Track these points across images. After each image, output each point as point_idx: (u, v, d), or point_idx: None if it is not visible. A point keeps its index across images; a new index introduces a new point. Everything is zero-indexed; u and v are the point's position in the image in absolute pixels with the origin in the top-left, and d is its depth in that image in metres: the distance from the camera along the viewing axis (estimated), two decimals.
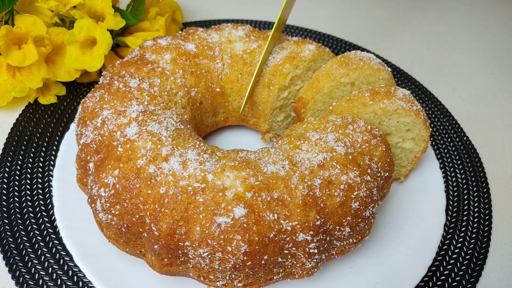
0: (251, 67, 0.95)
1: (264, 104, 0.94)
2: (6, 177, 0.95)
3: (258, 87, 0.94)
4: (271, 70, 0.92)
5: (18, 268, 0.81)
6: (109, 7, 1.07)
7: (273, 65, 0.93)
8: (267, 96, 0.92)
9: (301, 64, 0.92)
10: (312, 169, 0.70)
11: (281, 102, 0.94)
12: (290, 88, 0.94)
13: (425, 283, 0.85)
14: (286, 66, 0.91)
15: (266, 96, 0.93)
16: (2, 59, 1.00)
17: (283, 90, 0.93)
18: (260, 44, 0.97)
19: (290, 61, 0.91)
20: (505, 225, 0.96)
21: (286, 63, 0.91)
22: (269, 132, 1.00)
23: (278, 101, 0.94)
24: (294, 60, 0.91)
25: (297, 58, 0.91)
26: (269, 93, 0.92)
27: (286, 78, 0.91)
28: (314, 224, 0.66)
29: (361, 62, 0.90)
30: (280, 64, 0.91)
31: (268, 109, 0.94)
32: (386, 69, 0.92)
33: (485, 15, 1.66)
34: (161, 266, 0.69)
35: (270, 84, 0.91)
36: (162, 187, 0.66)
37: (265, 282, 0.71)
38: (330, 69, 0.90)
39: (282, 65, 0.91)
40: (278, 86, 0.91)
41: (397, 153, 0.92)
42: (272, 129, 0.99)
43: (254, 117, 0.97)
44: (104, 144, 0.73)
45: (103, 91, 0.80)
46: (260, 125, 0.98)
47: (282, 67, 0.91)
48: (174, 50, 0.91)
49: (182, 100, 0.87)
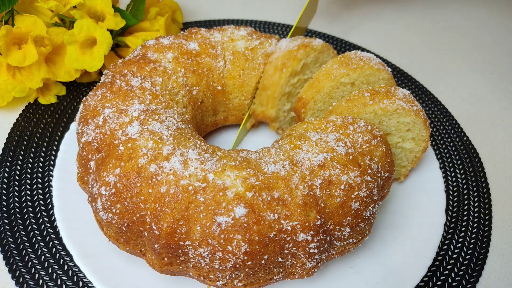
0: (253, 63, 0.96)
1: (274, 87, 0.95)
2: (6, 177, 0.95)
3: (269, 70, 0.96)
4: (284, 55, 0.94)
5: (18, 268, 0.81)
6: (109, 7, 1.07)
7: (287, 50, 0.94)
8: (278, 79, 0.94)
9: (312, 53, 0.94)
10: (313, 169, 0.70)
11: (289, 89, 0.95)
12: (299, 76, 0.95)
13: (425, 283, 0.85)
14: (300, 52, 0.93)
15: (277, 79, 0.94)
16: (2, 59, 1.00)
17: (293, 75, 0.94)
18: (262, 41, 0.98)
19: (304, 48, 0.93)
20: (505, 225, 0.96)
21: (300, 49, 0.93)
22: (276, 122, 1.00)
23: (288, 87, 0.95)
24: (307, 47, 0.93)
25: (309, 46, 0.94)
26: (280, 76, 0.93)
27: (299, 62, 0.93)
28: (314, 224, 0.66)
29: (361, 62, 0.90)
30: (294, 50, 0.93)
31: (278, 93, 0.94)
32: (386, 69, 0.92)
33: (485, 15, 1.66)
34: (161, 266, 0.69)
35: (283, 66, 0.93)
36: (163, 186, 0.66)
37: (265, 282, 0.71)
38: (330, 69, 0.91)
39: (296, 51, 0.93)
40: (291, 69, 0.92)
41: (397, 153, 0.92)
42: (278, 118, 0.99)
43: (261, 105, 0.98)
44: (105, 142, 0.73)
45: (105, 90, 0.80)
46: (267, 113, 0.98)
47: (296, 53, 0.93)
48: (177, 49, 0.91)
49: (183, 99, 0.87)
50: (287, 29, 1.46)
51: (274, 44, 0.98)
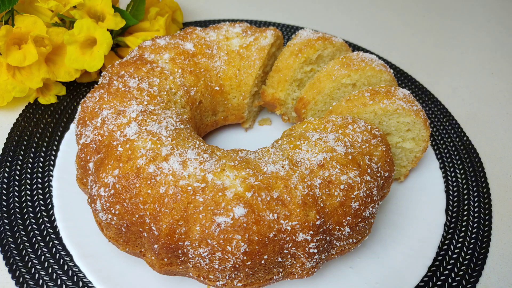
0: (249, 60, 0.96)
1: (286, 70, 0.96)
2: (6, 177, 0.95)
3: (285, 54, 0.97)
4: (303, 42, 0.96)
5: (18, 268, 0.81)
6: (109, 7, 1.07)
7: (306, 38, 0.96)
8: (292, 62, 0.95)
9: (330, 47, 0.96)
10: (312, 169, 0.70)
11: (302, 76, 0.96)
12: (313, 65, 0.96)
13: (425, 283, 0.85)
14: (318, 42, 0.95)
15: (291, 62, 0.95)
16: (2, 59, 1.00)
17: (308, 63, 0.95)
18: (257, 37, 0.98)
19: (323, 40, 0.96)
20: (505, 225, 0.96)
21: (319, 40, 0.95)
22: (283, 106, 1.00)
23: (300, 73, 0.96)
24: (327, 40, 0.96)
25: (328, 40, 0.96)
26: (294, 60, 0.95)
27: (316, 52, 0.94)
28: (314, 224, 0.66)
29: (363, 63, 0.90)
30: (314, 40, 0.95)
31: (289, 76, 0.95)
32: (388, 70, 0.92)
33: (485, 15, 1.66)
34: (161, 266, 0.69)
35: (299, 52, 0.94)
36: (162, 186, 0.66)
37: (265, 282, 0.71)
38: (332, 70, 0.91)
39: (315, 40, 0.95)
40: (306, 56, 0.94)
41: (397, 153, 0.92)
42: (286, 104, 1.00)
43: (272, 87, 0.98)
44: (104, 144, 0.73)
45: (103, 91, 0.80)
46: (276, 95, 0.99)
47: (315, 42, 0.95)
48: (173, 50, 0.91)
49: (181, 100, 0.87)
50: (287, 29, 1.45)
51: (269, 36, 0.98)
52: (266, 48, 0.96)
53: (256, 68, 0.96)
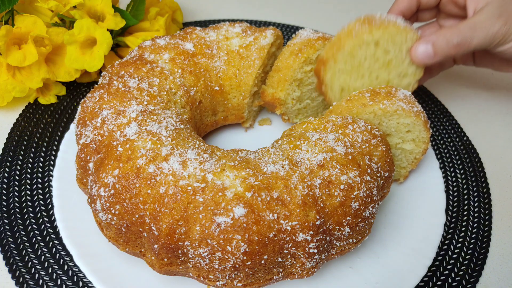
0: (248, 60, 0.96)
1: (286, 70, 0.95)
2: (6, 177, 0.95)
3: (285, 54, 0.97)
4: (303, 42, 0.95)
5: (18, 268, 0.81)
6: (109, 7, 1.07)
7: (306, 38, 0.96)
8: (292, 62, 0.94)
9: None
10: (312, 169, 0.70)
11: (302, 76, 0.96)
12: (313, 65, 0.96)
13: (425, 283, 0.85)
14: (318, 42, 0.94)
15: (291, 62, 0.94)
16: (2, 59, 1.00)
17: (307, 63, 0.95)
18: (256, 37, 0.97)
19: (323, 40, 0.95)
20: (505, 225, 0.96)
21: (319, 40, 0.95)
22: (283, 106, 1.00)
23: (300, 73, 0.95)
24: (327, 40, 0.95)
25: (329, 40, 0.95)
26: (294, 60, 0.94)
27: (316, 51, 0.94)
28: (314, 224, 0.66)
29: (386, 21, 0.86)
30: (314, 39, 0.95)
31: (289, 76, 0.95)
32: (415, 30, 0.87)
33: None
34: (161, 266, 0.69)
35: (299, 52, 0.94)
36: (162, 186, 0.66)
37: (265, 282, 0.71)
38: (353, 27, 0.87)
39: (315, 40, 0.95)
40: (306, 55, 0.93)
41: (397, 154, 0.92)
42: (286, 104, 0.99)
43: (272, 87, 0.98)
44: (103, 144, 0.73)
45: (103, 91, 0.80)
46: (276, 95, 0.98)
47: (315, 42, 0.94)
48: (173, 50, 0.91)
49: (181, 100, 0.87)
50: (287, 29, 1.45)
51: (269, 35, 0.98)
52: (266, 47, 0.96)
53: (256, 67, 0.96)
